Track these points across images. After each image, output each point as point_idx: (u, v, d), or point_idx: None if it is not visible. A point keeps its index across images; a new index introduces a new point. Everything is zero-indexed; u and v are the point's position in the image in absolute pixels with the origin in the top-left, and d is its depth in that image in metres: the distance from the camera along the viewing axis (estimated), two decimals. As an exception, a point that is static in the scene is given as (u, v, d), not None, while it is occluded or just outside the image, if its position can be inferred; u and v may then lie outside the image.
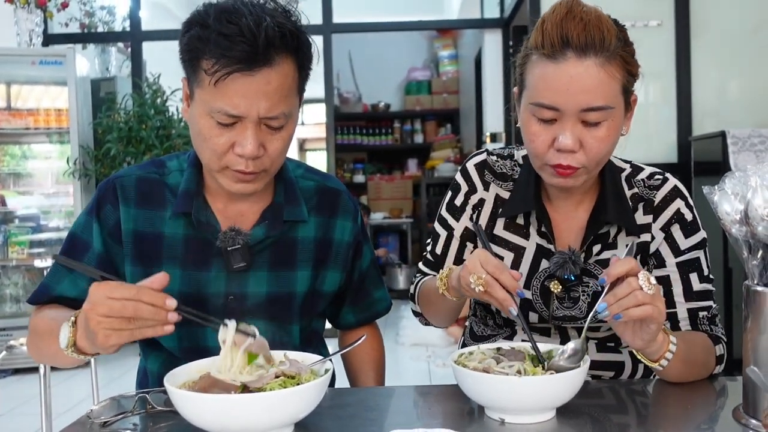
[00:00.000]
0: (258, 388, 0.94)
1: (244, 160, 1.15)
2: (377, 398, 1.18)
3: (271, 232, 1.27)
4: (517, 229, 1.34)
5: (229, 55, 1.08)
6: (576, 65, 1.12)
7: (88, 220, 1.28)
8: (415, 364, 4.52)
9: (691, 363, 1.18)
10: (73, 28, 5.48)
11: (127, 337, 0.97)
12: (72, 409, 3.68)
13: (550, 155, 1.18)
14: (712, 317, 1.28)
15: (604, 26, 1.14)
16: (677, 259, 1.28)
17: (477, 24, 6.04)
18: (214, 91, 1.11)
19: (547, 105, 1.15)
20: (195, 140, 1.19)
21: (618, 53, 1.14)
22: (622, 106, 1.17)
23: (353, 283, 1.42)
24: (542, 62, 1.15)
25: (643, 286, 1.02)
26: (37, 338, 1.19)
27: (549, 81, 1.14)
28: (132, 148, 4.57)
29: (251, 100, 1.11)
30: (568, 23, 1.13)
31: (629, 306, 1.02)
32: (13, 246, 4.79)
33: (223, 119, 1.13)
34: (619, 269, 1.04)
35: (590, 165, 1.18)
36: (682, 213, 1.28)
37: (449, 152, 7.69)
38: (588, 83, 1.12)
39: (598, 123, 1.15)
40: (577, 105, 1.13)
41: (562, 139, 1.15)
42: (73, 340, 1.04)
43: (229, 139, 1.15)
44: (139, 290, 0.96)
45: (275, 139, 1.17)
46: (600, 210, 1.28)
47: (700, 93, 4.24)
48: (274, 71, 1.12)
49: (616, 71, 1.14)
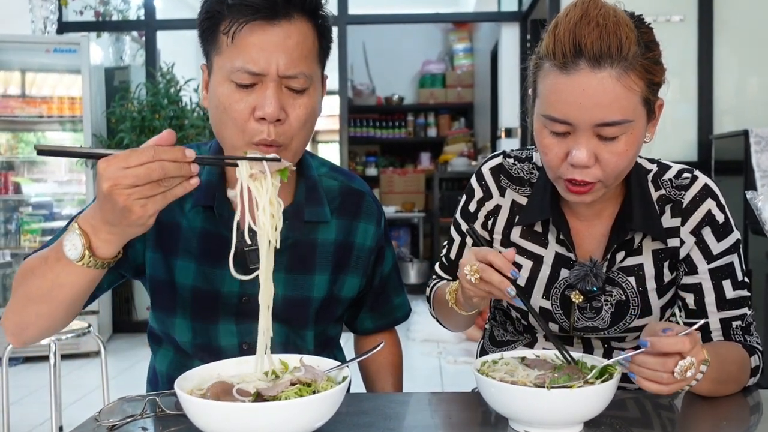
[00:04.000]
0: (273, 397, 0.90)
1: (266, 126, 1.10)
2: (395, 405, 1.13)
3: (290, 233, 1.22)
4: (535, 237, 1.28)
5: (247, 3, 1.07)
6: (589, 77, 1.04)
7: None
8: (426, 360, 4.48)
9: (724, 381, 1.11)
10: (87, 17, 5.47)
11: (161, 201, 0.92)
12: (82, 398, 3.68)
13: (563, 169, 1.11)
14: (746, 326, 1.21)
15: (622, 31, 1.04)
16: (710, 265, 1.21)
17: (494, 17, 5.98)
18: (232, 50, 1.09)
19: (558, 119, 1.07)
20: (215, 118, 1.14)
21: (638, 61, 1.05)
22: (643, 116, 1.09)
23: (373, 288, 1.37)
24: (554, 72, 1.07)
25: (676, 372, 0.94)
26: (26, 280, 1.05)
27: (560, 93, 1.06)
28: (145, 137, 4.55)
29: (270, 54, 1.08)
30: (582, 29, 1.04)
31: (648, 378, 0.96)
32: (26, 234, 4.79)
33: (243, 78, 1.09)
34: (668, 349, 0.95)
35: (608, 180, 1.11)
36: (713, 214, 1.20)
37: (462, 146, 7.62)
38: (602, 97, 1.04)
39: (614, 137, 1.07)
40: (591, 120, 1.05)
41: (576, 154, 1.07)
42: (87, 244, 0.96)
43: (249, 105, 1.10)
44: (155, 150, 0.89)
45: (297, 104, 1.13)
46: (625, 217, 1.20)
47: (721, 90, 4.17)
48: (294, 26, 1.10)
49: (634, 82, 1.05)
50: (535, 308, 1.27)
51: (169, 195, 0.92)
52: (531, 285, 1.27)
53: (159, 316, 1.27)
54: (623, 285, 1.23)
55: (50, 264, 1.01)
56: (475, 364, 1.04)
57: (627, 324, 1.24)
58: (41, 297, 1.04)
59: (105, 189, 0.89)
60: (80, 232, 0.96)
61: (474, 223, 1.34)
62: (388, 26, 7.16)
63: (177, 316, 1.23)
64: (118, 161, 0.89)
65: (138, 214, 0.91)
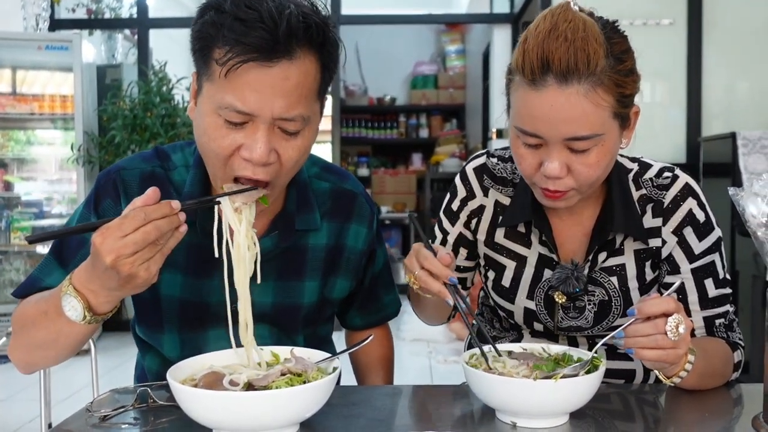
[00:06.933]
0: (264, 386, 0.91)
1: (251, 165, 1.02)
2: (384, 398, 1.15)
3: (281, 243, 1.19)
4: (518, 237, 1.29)
5: (244, 42, 0.96)
6: (556, 94, 1.03)
7: (85, 216, 1.19)
8: (416, 360, 4.49)
9: (709, 375, 1.13)
10: (79, 14, 5.46)
11: (160, 259, 0.93)
12: (72, 396, 3.67)
13: (537, 177, 1.12)
14: (729, 323, 1.24)
15: (590, 46, 1.03)
16: (692, 264, 1.21)
17: (486, 19, 5.99)
18: (224, 84, 0.99)
19: (529, 132, 1.08)
20: (199, 142, 1.07)
21: (607, 76, 1.04)
22: (614, 127, 1.08)
23: (363, 289, 1.36)
24: (523, 87, 1.07)
25: (668, 331, 0.97)
26: (28, 328, 1.06)
27: (530, 108, 1.06)
28: (137, 135, 4.55)
29: (265, 97, 0.99)
30: (550, 43, 1.03)
31: (645, 346, 0.98)
32: (16, 232, 4.77)
33: (233, 117, 1.00)
34: (654, 309, 0.98)
35: (581, 188, 1.12)
36: (694, 214, 1.21)
37: (454, 147, 7.64)
38: (570, 113, 1.04)
39: (586, 149, 1.07)
40: (560, 135, 1.06)
41: (548, 166, 1.08)
42: (86, 306, 0.96)
43: (236, 142, 1.02)
44: (146, 212, 0.89)
45: (290, 146, 1.04)
46: (606, 218, 1.21)
47: (710, 93, 4.20)
48: (295, 66, 1.00)
49: (603, 98, 1.04)
50: (520, 308, 1.29)
51: (165, 250, 0.93)
52: (515, 285, 1.29)
53: (145, 332, 1.25)
54: (606, 285, 1.24)
55: (51, 317, 1.01)
56: (464, 356, 1.06)
57: (610, 323, 1.25)
58: (47, 345, 1.05)
59: (108, 262, 0.89)
60: (77, 295, 0.96)
61: (456, 222, 1.35)
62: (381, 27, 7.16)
63: (164, 332, 1.22)
64: (113, 232, 0.89)
65: (143, 278, 0.92)
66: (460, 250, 1.36)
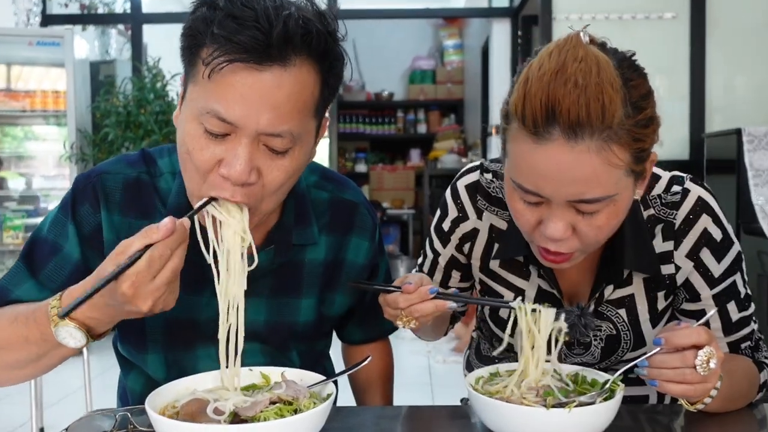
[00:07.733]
0: (251, 417, 0.84)
1: (230, 185, 0.92)
2: (384, 421, 1.07)
3: (277, 259, 1.10)
4: (516, 268, 1.16)
5: (234, 40, 0.86)
6: (563, 151, 0.87)
7: (60, 221, 1.08)
8: (414, 359, 4.44)
9: (735, 398, 1.05)
10: (72, 9, 5.37)
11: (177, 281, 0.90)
12: (64, 398, 3.60)
13: (536, 235, 0.97)
14: (755, 345, 1.14)
15: (605, 93, 0.85)
16: (713, 290, 1.09)
17: (484, 13, 5.92)
18: (208, 86, 0.89)
19: (530, 190, 0.93)
20: (179, 152, 0.97)
21: (623, 129, 0.87)
22: (629, 185, 0.93)
23: (364, 303, 1.27)
24: (523, 138, 0.90)
25: (698, 365, 0.88)
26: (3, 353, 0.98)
27: (531, 164, 0.90)
28: (130, 132, 4.48)
29: (252, 105, 0.88)
30: (557, 89, 0.85)
31: (671, 380, 0.90)
32: (8, 230, 4.70)
33: (214, 126, 0.90)
34: (684, 341, 0.89)
35: (587, 249, 0.98)
36: (710, 233, 1.07)
37: (452, 143, 7.58)
38: (579, 174, 0.88)
39: (594, 211, 0.92)
40: (566, 196, 0.90)
41: (551, 227, 0.93)
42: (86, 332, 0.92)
43: (215, 156, 0.91)
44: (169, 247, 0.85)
45: (276, 166, 0.94)
46: (615, 252, 1.07)
47: (713, 88, 4.14)
48: (289, 74, 0.90)
49: (618, 155, 0.88)
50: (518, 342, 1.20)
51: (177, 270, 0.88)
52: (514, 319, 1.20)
53: (129, 350, 1.18)
54: (613, 319, 1.14)
55: (34, 342, 0.95)
56: (469, 378, 0.99)
57: (619, 357, 1.16)
58: (23, 365, 1.00)
59: (146, 310, 0.86)
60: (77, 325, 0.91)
61: (448, 244, 1.23)
62: (378, 21, 7.09)
63: (148, 352, 1.14)
64: (143, 278, 0.84)
65: (171, 305, 0.90)
66: (453, 273, 1.26)
